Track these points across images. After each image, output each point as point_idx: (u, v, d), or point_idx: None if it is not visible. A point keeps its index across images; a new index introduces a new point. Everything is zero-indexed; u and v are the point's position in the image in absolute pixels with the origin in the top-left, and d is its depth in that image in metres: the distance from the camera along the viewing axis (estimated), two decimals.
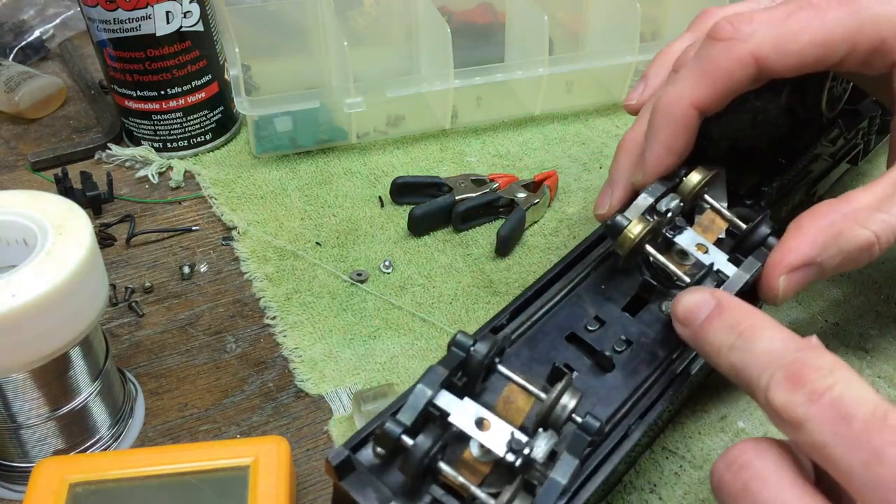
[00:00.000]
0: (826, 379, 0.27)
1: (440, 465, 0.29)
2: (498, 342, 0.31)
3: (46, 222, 0.35)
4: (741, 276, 0.36)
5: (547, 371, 0.35)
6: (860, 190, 0.36)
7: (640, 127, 0.41)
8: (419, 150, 0.60)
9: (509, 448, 0.29)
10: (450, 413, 0.30)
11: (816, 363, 0.27)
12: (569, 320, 0.37)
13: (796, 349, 0.28)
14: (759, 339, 0.29)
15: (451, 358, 0.31)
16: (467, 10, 0.65)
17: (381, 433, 0.29)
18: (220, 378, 0.43)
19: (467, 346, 0.31)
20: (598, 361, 0.36)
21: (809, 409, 0.26)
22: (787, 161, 0.45)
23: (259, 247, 0.51)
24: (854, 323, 0.46)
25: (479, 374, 0.31)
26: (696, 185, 0.38)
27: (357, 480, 0.29)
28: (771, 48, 0.35)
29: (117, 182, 0.56)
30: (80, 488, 0.33)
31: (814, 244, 0.35)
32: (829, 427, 0.26)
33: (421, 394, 0.29)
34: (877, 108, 0.49)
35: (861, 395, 0.26)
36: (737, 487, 0.27)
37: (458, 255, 0.51)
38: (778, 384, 0.27)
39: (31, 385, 0.35)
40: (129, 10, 0.52)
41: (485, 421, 0.30)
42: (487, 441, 0.29)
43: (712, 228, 0.39)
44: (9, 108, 0.63)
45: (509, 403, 0.31)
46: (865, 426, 0.25)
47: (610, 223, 0.37)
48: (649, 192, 0.38)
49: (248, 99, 0.54)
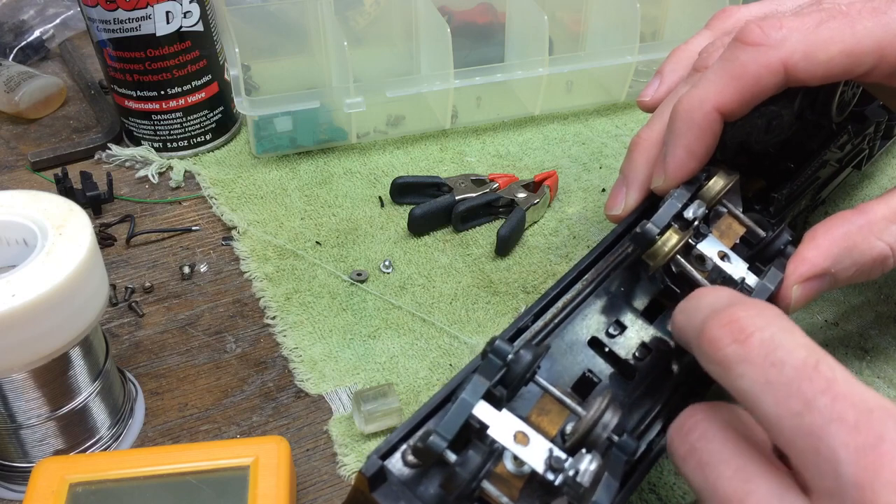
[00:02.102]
0: (757, 320, 0.26)
1: (483, 483, 0.28)
2: (541, 352, 0.30)
3: (46, 222, 0.35)
4: (766, 287, 0.35)
5: (572, 378, 0.34)
6: (876, 201, 0.36)
7: (657, 125, 0.40)
8: (419, 150, 0.60)
9: (548, 466, 0.28)
10: (489, 426, 0.29)
11: (751, 310, 0.27)
12: (590, 324, 0.36)
13: (739, 299, 0.29)
14: (707, 296, 0.30)
15: (491, 366, 0.29)
16: (467, 10, 0.65)
17: (423, 447, 0.28)
18: (220, 378, 0.43)
19: (507, 352, 0.30)
20: (620, 369, 0.35)
21: (739, 349, 0.26)
22: (795, 165, 0.44)
23: (259, 247, 0.51)
24: (854, 323, 0.46)
25: (519, 385, 0.30)
26: (720, 190, 0.37)
27: (389, 492, 0.28)
28: (801, 56, 0.34)
29: (117, 182, 0.56)
30: (80, 488, 0.33)
31: (827, 255, 0.35)
32: (760, 372, 0.25)
33: (465, 406, 0.28)
34: (883, 112, 0.49)
35: (794, 342, 0.26)
36: (685, 449, 0.27)
37: (458, 255, 0.51)
38: (710, 326, 0.27)
39: (31, 385, 0.35)
40: (129, 10, 0.52)
41: (522, 435, 0.29)
42: (526, 457, 0.28)
43: (729, 234, 0.38)
44: (9, 108, 0.63)
45: (543, 415, 0.30)
46: (797, 374, 0.25)
47: (640, 232, 0.35)
48: (676, 198, 0.36)
49: (248, 99, 0.54)
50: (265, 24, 0.61)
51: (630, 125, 0.63)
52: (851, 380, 0.25)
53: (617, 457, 0.29)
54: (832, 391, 0.24)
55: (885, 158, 0.57)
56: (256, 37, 0.61)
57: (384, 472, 0.28)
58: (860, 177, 0.55)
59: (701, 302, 0.30)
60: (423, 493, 0.28)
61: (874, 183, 0.56)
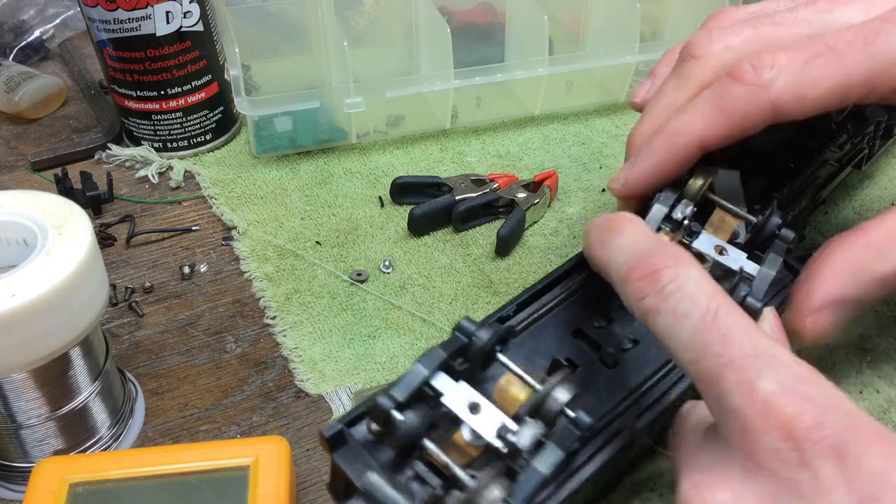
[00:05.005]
0: (671, 272, 0.29)
1: (425, 442, 0.29)
2: (501, 331, 0.32)
3: (46, 222, 0.35)
4: (767, 274, 0.36)
5: (548, 364, 0.35)
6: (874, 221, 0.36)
7: (648, 123, 0.41)
8: (419, 150, 0.60)
9: (498, 434, 0.29)
10: (443, 394, 0.30)
11: (668, 261, 0.30)
12: (576, 316, 0.37)
13: (655, 243, 0.31)
14: (625, 234, 0.32)
15: (453, 341, 0.31)
16: (467, 10, 0.65)
17: (373, 406, 0.29)
18: (220, 378, 0.43)
19: (470, 331, 0.31)
20: (601, 358, 0.36)
21: (656, 301, 0.29)
22: (795, 165, 0.45)
23: (259, 246, 0.51)
24: (854, 323, 0.46)
25: (478, 360, 0.32)
26: (701, 187, 0.38)
27: (348, 453, 0.30)
28: (790, 97, 0.35)
29: (117, 182, 0.56)
30: (80, 488, 0.33)
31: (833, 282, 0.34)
32: (670, 321, 0.28)
33: (417, 372, 0.30)
34: (883, 112, 0.49)
35: (700, 291, 0.28)
36: None
37: (458, 255, 0.51)
38: (633, 276, 0.30)
39: (31, 385, 0.35)
40: (129, 10, 0.52)
41: (478, 406, 0.30)
42: (477, 425, 0.29)
43: (723, 227, 0.38)
44: (9, 108, 0.63)
45: (505, 392, 0.31)
46: (698, 324, 0.28)
47: None
48: (662, 201, 0.37)
49: (248, 99, 0.54)
50: (265, 24, 0.61)
51: (630, 125, 0.62)
52: (746, 326, 0.28)
53: (568, 430, 0.29)
54: (725, 339, 0.27)
55: (886, 158, 0.57)
56: (256, 37, 0.61)
57: (343, 435, 0.30)
58: (861, 176, 0.55)
59: (623, 240, 0.32)
60: (379, 456, 0.30)
61: (871, 180, 0.56)
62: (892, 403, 0.41)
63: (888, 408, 0.41)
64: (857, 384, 0.42)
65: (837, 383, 0.42)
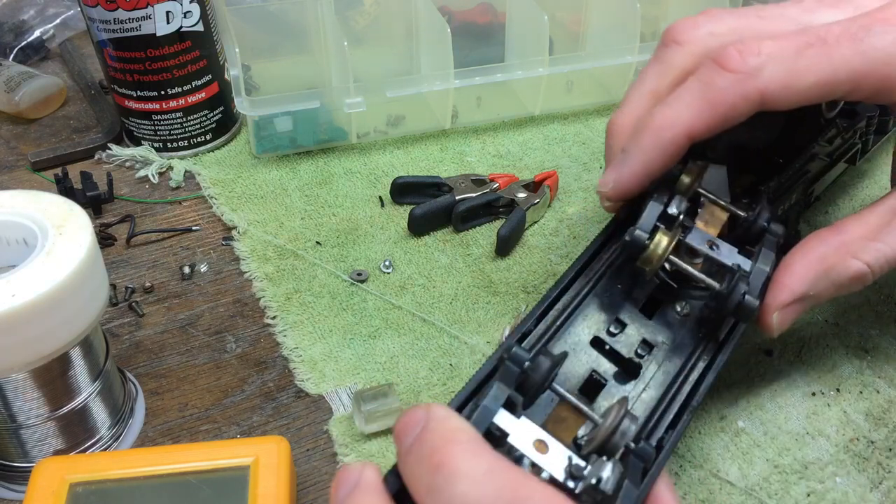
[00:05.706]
0: None
1: None
2: (558, 359, 0.30)
3: (46, 222, 0.35)
4: (762, 270, 0.35)
5: (579, 380, 0.34)
6: (852, 218, 0.37)
7: (628, 108, 0.40)
8: (419, 150, 0.60)
9: (568, 474, 0.28)
10: (509, 434, 0.29)
11: None
12: (591, 324, 0.36)
13: None
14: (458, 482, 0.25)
15: (509, 373, 0.29)
16: (467, 10, 0.65)
17: None
18: (221, 378, 0.43)
19: (523, 360, 0.30)
20: (623, 368, 0.35)
21: None
22: (784, 160, 0.45)
23: (259, 246, 0.51)
24: (854, 323, 0.46)
25: (538, 393, 0.30)
26: (693, 181, 0.38)
27: None
28: (778, 86, 0.34)
29: (117, 182, 0.56)
30: (80, 488, 0.33)
31: (804, 280, 0.35)
32: None
33: (487, 414, 0.28)
34: (875, 108, 0.49)
35: None
36: None
37: (458, 255, 0.51)
38: None
39: (31, 385, 0.35)
40: (129, 10, 0.52)
41: (541, 443, 0.29)
42: (546, 464, 0.28)
43: (714, 222, 0.38)
44: (9, 108, 0.63)
45: (559, 422, 0.30)
46: None
47: (629, 240, 0.35)
48: (657, 199, 0.37)
49: (248, 99, 0.54)
50: (265, 24, 0.61)
51: None
52: None
53: (635, 464, 0.29)
54: None
55: (881, 155, 0.57)
56: (256, 37, 0.61)
57: None
58: (857, 173, 0.55)
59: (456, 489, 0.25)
60: None
61: (871, 179, 0.56)
62: (892, 403, 0.41)
63: (888, 408, 0.41)
64: (857, 384, 0.42)
65: (837, 383, 0.42)
